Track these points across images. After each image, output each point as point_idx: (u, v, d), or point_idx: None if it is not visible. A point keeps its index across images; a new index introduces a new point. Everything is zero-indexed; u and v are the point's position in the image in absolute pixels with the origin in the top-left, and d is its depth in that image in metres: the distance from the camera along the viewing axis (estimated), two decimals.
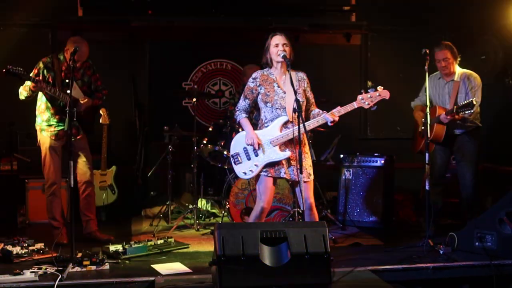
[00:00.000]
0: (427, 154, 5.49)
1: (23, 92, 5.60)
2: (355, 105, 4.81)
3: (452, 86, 5.93)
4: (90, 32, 7.77)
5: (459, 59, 5.97)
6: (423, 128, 5.86)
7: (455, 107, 5.67)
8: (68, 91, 5.15)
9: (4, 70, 5.27)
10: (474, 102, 5.53)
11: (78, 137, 5.83)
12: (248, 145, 4.92)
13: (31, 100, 5.73)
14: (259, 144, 4.86)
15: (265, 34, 4.99)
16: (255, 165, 4.90)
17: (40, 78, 5.58)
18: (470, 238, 5.34)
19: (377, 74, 8.33)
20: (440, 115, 5.79)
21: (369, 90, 4.81)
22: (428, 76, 5.79)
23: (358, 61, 8.52)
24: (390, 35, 8.40)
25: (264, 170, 4.88)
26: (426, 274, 4.97)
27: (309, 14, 8.31)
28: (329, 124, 4.80)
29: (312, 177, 4.90)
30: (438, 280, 5.01)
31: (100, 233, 5.99)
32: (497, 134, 7.70)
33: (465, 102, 5.60)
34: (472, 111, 5.56)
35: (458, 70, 5.97)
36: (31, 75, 5.56)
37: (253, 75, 5.00)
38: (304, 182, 4.76)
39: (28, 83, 5.54)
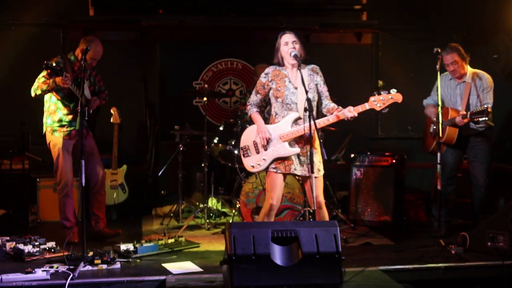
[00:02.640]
0: (438, 154, 5.47)
1: (43, 86, 5.56)
2: (367, 106, 4.79)
3: (463, 87, 5.88)
4: (101, 32, 7.80)
5: (468, 59, 5.90)
6: (434, 127, 5.83)
7: (469, 113, 5.62)
8: (84, 90, 5.17)
9: (44, 65, 5.32)
10: (489, 110, 5.47)
11: (87, 137, 5.85)
12: (258, 138, 4.93)
13: (41, 98, 5.75)
14: (268, 139, 4.86)
15: (275, 33, 4.99)
16: (264, 159, 4.91)
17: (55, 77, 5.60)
18: (482, 238, 5.32)
19: (388, 73, 8.30)
20: (454, 118, 5.74)
21: (382, 92, 4.77)
22: (440, 75, 5.77)
23: (369, 61, 8.49)
24: (401, 34, 8.37)
25: (274, 166, 4.87)
26: (438, 274, 4.96)
27: (320, 13, 8.30)
28: (348, 118, 4.77)
29: (321, 172, 4.88)
30: (449, 280, 4.99)
31: (108, 230, 6.02)
32: (509, 134, 7.65)
33: (479, 109, 5.52)
34: (486, 118, 5.48)
35: (469, 71, 5.91)
36: (43, 75, 5.59)
37: (266, 71, 5.01)
38: (314, 177, 4.73)
39: (42, 78, 5.56)
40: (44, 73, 5.61)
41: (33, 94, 5.66)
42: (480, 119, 5.52)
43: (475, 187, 6.00)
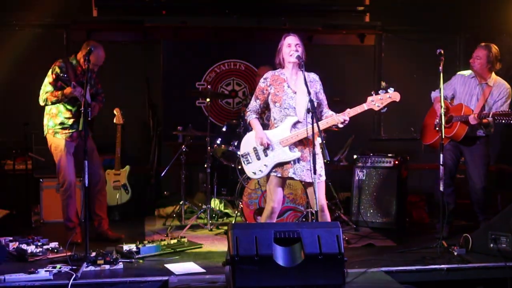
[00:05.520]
0: (441, 155, 5.45)
1: (52, 98, 5.64)
2: (365, 106, 4.78)
3: (483, 89, 5.85)
4: (105, 33, 7.82)
5: (497, 66, 5.87)
6: (437, 121, 5.79)
7: (492, 112, 5.60)
8: (86, 93, 5.19)
9: (55, 76, 5.45)
10: None
11: (87, 138, 5.84)
12: (258, 145, 4.93)
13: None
14: (268, 144, 4.86)
15: (278, 34, 5.00)
16: (265, 165, 4.90)
17: (59, 83, 5.62)
18: (484, 240, 5.31)
19: (391, 74, 8.29)
20: (468, 115, 5.72)
21: (379, 92, 4.77)
22: (459, 73, 5.88)
23: (372, 62, 8.48)
24: (404, 36, 8.37)
25: (274, 170, 4.88)
26: (440, 276, 4.95)
27: (323, 14, 8.31)
28: (340, 125, 4.79)
29: (323, 178, 4.87)
30: (452, 281, 4.98)
31: (111, 232, 6.02)
32: None
33: (506, 111, 5.54)
34: (510, 122, 5.48)
35: (494, 76, 5.89)
36: (50, 81, 5.61)
37: (264, 75, 5.01)
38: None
39: (49, 89, 5.59)
40: (49, 79, 5.64)
41: (42, 104, 5.72)
42: (503, 121, 5.52)
43: (472, 190, 5.97)
